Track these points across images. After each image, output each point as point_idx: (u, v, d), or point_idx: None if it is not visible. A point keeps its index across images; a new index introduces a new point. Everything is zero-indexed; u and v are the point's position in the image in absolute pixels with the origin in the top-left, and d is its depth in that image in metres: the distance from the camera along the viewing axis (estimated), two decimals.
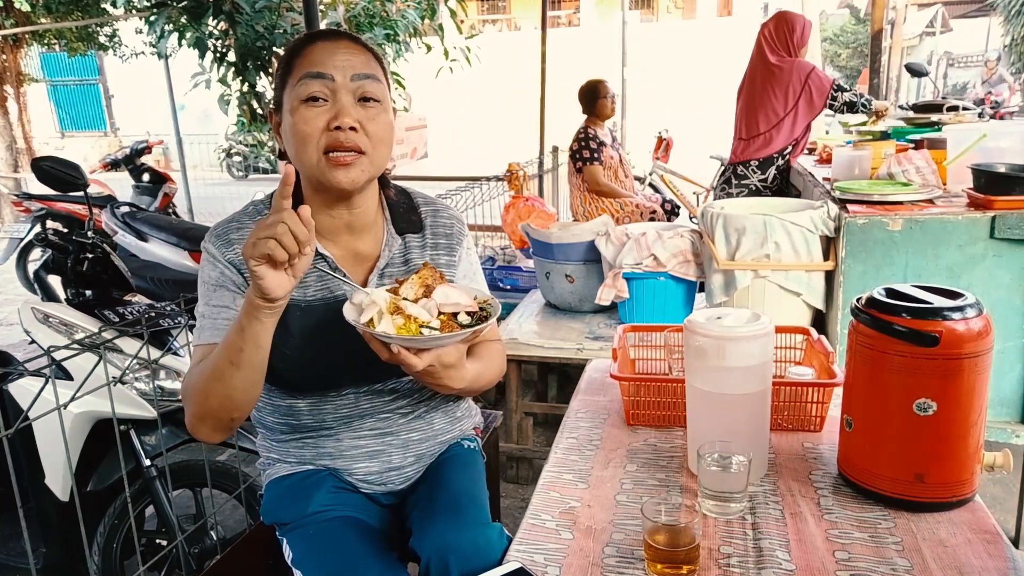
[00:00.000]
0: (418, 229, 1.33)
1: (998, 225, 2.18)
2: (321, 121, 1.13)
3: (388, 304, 1.08)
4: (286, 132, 1.17)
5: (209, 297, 1.22)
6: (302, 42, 1.19)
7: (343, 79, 1.14)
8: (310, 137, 1.13)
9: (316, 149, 1.14)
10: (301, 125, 1.13)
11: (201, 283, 1.24)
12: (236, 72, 4.59)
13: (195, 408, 1.15)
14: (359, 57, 1.17)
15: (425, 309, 1.09)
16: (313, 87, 1.13)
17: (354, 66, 1.15)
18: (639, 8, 17.94)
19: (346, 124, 1.12)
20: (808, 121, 3.73)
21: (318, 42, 1.17)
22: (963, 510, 1.09)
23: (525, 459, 2.87)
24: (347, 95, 1.14)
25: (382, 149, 1.18)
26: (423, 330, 1.07)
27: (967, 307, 1.04)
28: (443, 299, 1.11)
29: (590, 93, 4.53)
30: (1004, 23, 14.57)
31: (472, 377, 1.20)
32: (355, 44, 1.19)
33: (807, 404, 1.36)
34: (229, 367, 1.08)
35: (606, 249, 2.74)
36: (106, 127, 16.46)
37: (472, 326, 1.10)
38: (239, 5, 4.21)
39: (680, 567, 0.96)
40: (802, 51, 3.76)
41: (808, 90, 3.64)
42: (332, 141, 1.13)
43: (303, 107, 1.13)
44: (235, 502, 2.13)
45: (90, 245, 2.16)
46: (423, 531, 1.21)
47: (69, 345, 1.65)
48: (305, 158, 1.15)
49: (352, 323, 1.07)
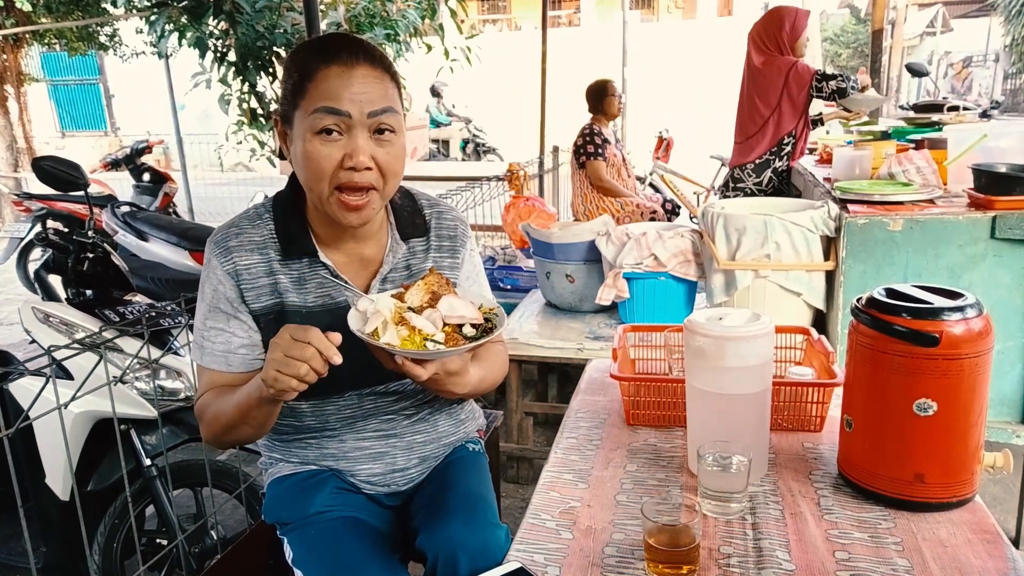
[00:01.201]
0: (422, 232, 1.33)
1: (999, 225, 2.18)
2: (335, 157, 1.11)
3: (393, 314, 1.08)
4: (296, 156, 1.16)
5: (205, 315, 1.23)
6: (315, 61, 1.13)
7: (359, 116, 1.11)
8: (323, 173, 1.12)
9: (328, 185, 1.13)
10: (314, 160, 1.12)
11: (200, 293, 1.25)
12: (236, 72, 4.59)
13: (210, 436, 1.22)
14: (376, 87, 1.13)
15: (430, 321, 1.09)
16: (327, 121, 1.10)
17: (371, 100, 1.12)
18: (639, 8, 17.93)
19: (361, 165, 1.11)
20: (795, 119, 3.62)
21: (333, 66, 1.11)
22: (963, 510, 1.09)
23: (525, 459, 2.87)
24: (362, 131, 1.12)
25: (393, 181, 1.18)
26: (427, 343, 1.07)
27: (967, 307, 1.04)
28: (448, 311, 1.10)
29: (598, 91, 4.56)
30: (1004, 23, 14.57)
31: (476, 381, 1.20)
32: (372, 67, 1.14)
33: (807, 404, 1.36)
34: (243, 424, 1.15)
35: (606, 249, 2.74)
36: (106, 127, 16.45)
37: (477, 338, 1.10)
38: (239, 5, 4.21)
39: (680, 567, 0.96)
40: (796, 45, 3.63)
41: (788, 86, 3.57)
42: (346, 180, 1.12)
43: (316, 139, 1.11)
44: (235, 502, 2.13)
45: (90, 245, 2.16)
46: (432, 529, 1.22)
47: (69, 345, 1.65)
48: (316, 189, 1.14)
49: (356, 333, 1.07)
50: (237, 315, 1.21)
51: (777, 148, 3.67)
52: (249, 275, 1.21)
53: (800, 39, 3.64)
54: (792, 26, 3.60)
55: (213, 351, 1.21)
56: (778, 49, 3.63)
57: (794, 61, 3.58)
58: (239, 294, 1.21)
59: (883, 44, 7.19)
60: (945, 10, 17.46)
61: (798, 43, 3.64)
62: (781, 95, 3.58)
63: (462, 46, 5.65)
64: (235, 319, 1.21)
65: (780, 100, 3.59)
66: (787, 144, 3.66)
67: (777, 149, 3.67)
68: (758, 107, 3.66)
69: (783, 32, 3.61)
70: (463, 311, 1.12)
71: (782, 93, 3.58)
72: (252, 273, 1.21)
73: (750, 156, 3.72)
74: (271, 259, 1.22)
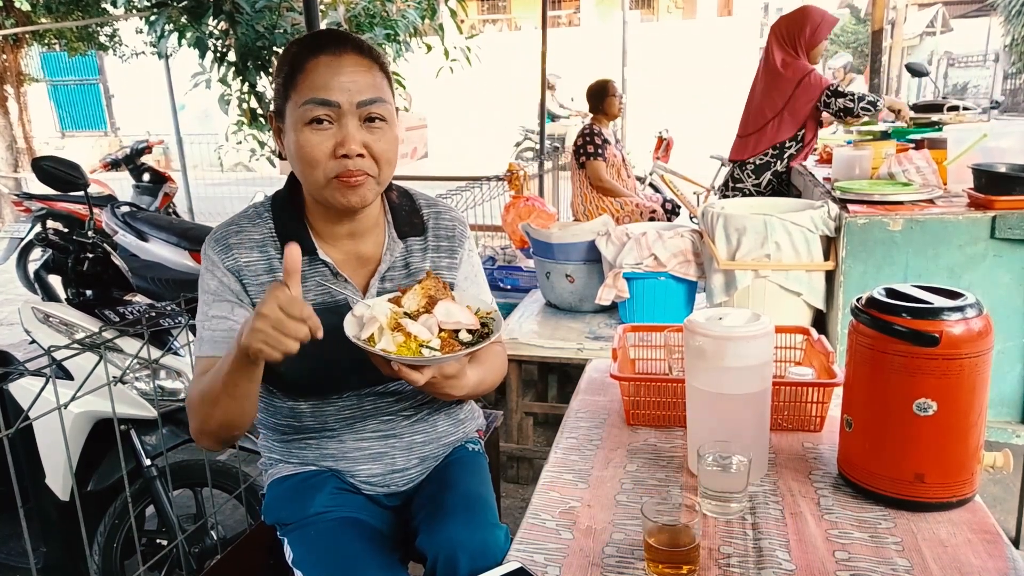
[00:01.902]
0: (420, 232, 1.33)
1: (998, 225, 2.18)
2: (327, 146, 1.13)
3: (389, 320, 1.09)
4: (289, 148, 1.17)
5: (208, 307, 1.22)
6: (304, 53, 1.15)
7: (349, 105, 1.12)
8: (316, 162, 1.13)
9: (323, 174, 1.14)
10: (307, 149, 1.13)
11: (201, 291, 1.24)
12: (236, 72, 4.59)
13: (197, 424, 1.19)
14: (364, 77, 1.14)
15: (426, 326, 1.09)
16: (318, 112, 1.12)
17: (360, 89, 1.13)
18: (639, 8, 17.93)
19: (352, 152, 1.12)
20: (794, 127, 3.54)
21: (321, 56, 1.13)
22: (963, 510, 1.09)
23: (525, 459, 2.87)
24: (352, 119, 1.13)
25: (388, 168, 1.19)
26: (423, 350, 1.07)
27: (967, 307, 1.04)
28: (445, 316, 1.10)
29: (599, 92, 4.57)
30: (1004, 23, 14.58)
31: (474, 384, 1.21)
32: (360, 56, 1.15)
33: (807, 404, 1.36)
34: (225, 397, 1.11)
35: (606, 249, 2.74)
36: (106, 127, 16.45)
37: (473, 343, 1.10)
38: (239, 5, 4.21)
39: (680, 567, 0.96)
40: (813, 52, 3.57)
41: (796, 94, 3.49)
42: (340, 169, 1.13)
43: (307, 130, 1.13)
44: (235, 502, 2.13)
45: (90, 245, 2.16)
46: (432, 529, 1.22)
47: (69, 345, 1.65)
48: (311, 180, 1.15)
49: (352, 339, 1.07)
50: (242, 304, 1.22)
51: (779, 151, 3.61)
52: (250, 272, 1.22)
53: (818, 46, 3.58)
54: (813, 32, 3.54)
55: (213, 338, 1.20)
56: (795, 50, 3.56)
57: (809, 70, 3.53)
58: (242, 288, 1.22)
59: (883, 44, 7.18)
60: (945, 10, 17.47)
61: (815, 50, 3.59)
62: (788, 101, 3.52)
63: (462, 46, 5.65)
64: (240, 307, 1.22)
65: (785, 106, 3.53)
66: (790, 147, 3.60)
67: (779, 152, 3.61)
68: (764, 107, 3.61)
69: (803, 35, 3.54)
70: (459, 316, 1.12)
71: (789, 99, 3.52)
72: (253, 270, 1.22)
73: (745, 154, 3.68)
74: (271, 256, 1.23)
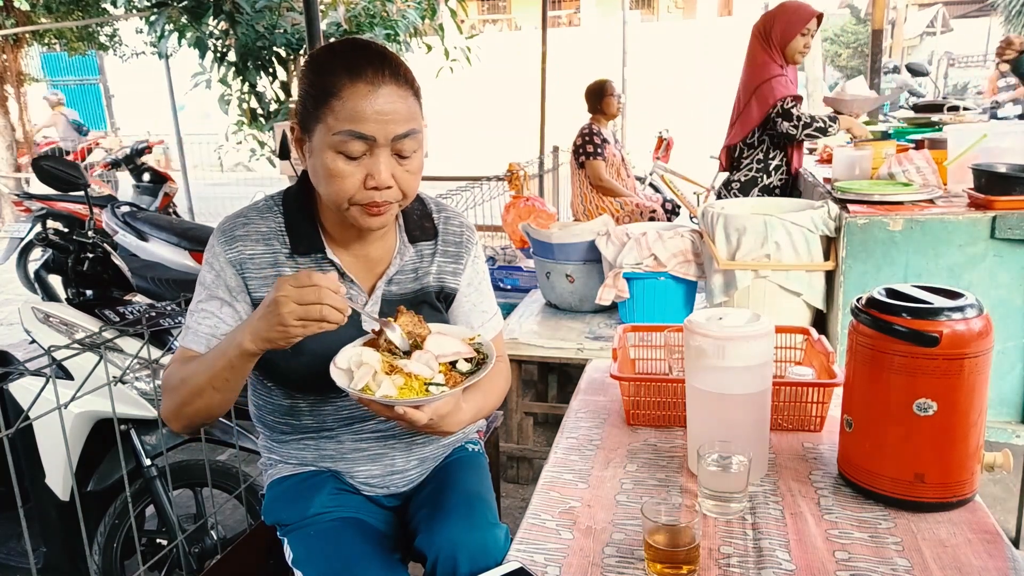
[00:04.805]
0: (431, 236, 1.33)
1: (999, 225, 2.18)
2: (357, 177, 1.11)
3: (382, 364, 1.06)
4: (316, 167, 1.15)
5: (200, 298, 1.22)
6: (341, 76, 1.10)
7: (384, 139, 1.10)
8: (344, 191, 1.12)
9: (348, 200, 1.13)
10: (336, 177, 1.11)
11: (199, 281, 1.24)
12: (236, 72, 4.60)
13: (173, 409, 1.18)
14: (400, 108, 1.11)
15: (422, 363, 1.06)
16: (352, 145, 1.10)
17: (397, 122, 1.11)
18: (639, 8, 17.94)
19: (383, 184, 1.12)
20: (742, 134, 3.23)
21: (360, 84, 1.09)
22: (963, 510, 1.09)
23: (525, 459, 2.87)
24: (385, 152, 1.12)
25: (412, 193, 1.19)
26: (430, 388, 1.05)
27: (967, 307, 1.04)
28: (439, 349, 1.09)
29: (597, 91, 4.56)
30: (1004, 23, 14.58)
31: (471, 417, 1.20)
32: (397, 86, 1.12)
33: (807, 404, 1.36)
34: (211, 390, 1.11)
35: (606, 249, 2.74)
36: (106, 127, 16.46)
37: (473, 372, 1.09)
38: (239, 5, 4.21)
39: (680, 567, 0.96)
40: (787, 50, 3.14)
41: (749, 102, 3.19)
42: (367, 199, 1.12)
43: (339, 159, 1.11)
44: (235, 502, 2.13)
45: (90, 245, 2.16)
46: (432, 529, 1.22)
47: (70, 345, 1.65)
48: (334, 199, 1.14)
49: (347, 391, 1.04)
50: (232, 303, 1.21)
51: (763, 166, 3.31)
52: (253, 264, 1.21)
53: (792, 43, 3.13)
54: (784, 26, 3.11)
55: (198, 331, 1.20)
56: (768, 46, 3.16)
57: (768, 77, 3.11)
58: (241, 283, 1.21)
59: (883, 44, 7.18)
60: (945, 10, 17.47)
61: (789, 48, 3.14)
62: (744, 106, 3.23)
63: (462, 46, 5.66)
64: (228, 306, 1.20)
65: (742, 110, 3.26)
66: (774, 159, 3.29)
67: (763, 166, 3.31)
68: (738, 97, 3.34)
69: (774, 31, 3.14)
70: (453, 346, 1.11)
71: (745, 105, 3.22)
72: (256, 263, 1.21)
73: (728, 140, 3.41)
74: (277, 251, 1.22)
